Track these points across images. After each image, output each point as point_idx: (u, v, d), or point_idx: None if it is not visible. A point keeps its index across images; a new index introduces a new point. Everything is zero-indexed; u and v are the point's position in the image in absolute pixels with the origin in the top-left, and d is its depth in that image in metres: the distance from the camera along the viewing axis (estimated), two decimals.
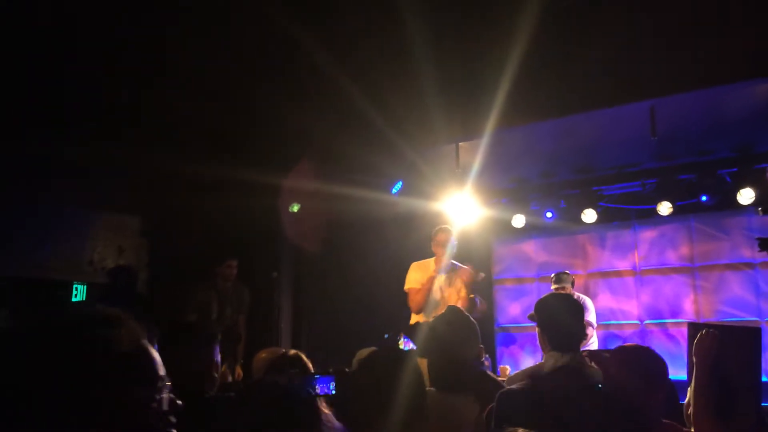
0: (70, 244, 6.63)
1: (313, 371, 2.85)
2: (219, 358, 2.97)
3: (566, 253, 7.71)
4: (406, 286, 5.29)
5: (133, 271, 6.77)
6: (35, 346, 1.01)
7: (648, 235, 7.26)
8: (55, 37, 4.41)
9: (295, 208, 6.72)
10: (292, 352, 3.04)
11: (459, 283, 5.22)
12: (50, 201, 6.40)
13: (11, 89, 4.96)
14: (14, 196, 6.10)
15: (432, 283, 5.15)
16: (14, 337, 1.04)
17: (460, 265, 5.31)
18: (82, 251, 6.74)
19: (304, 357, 2.96)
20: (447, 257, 5.21)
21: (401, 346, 2.51)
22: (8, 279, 6.51)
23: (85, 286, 6.80)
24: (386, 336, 2.52)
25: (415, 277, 5.28)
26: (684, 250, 7.08)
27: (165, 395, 1.10)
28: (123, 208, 7.07)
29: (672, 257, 7.13)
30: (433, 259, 5.30)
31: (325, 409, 2.42)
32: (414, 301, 5.17)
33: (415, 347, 2.53)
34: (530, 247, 7.92)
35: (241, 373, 5.97)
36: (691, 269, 7.04)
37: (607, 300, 7.34)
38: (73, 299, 6.71)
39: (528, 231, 7.52)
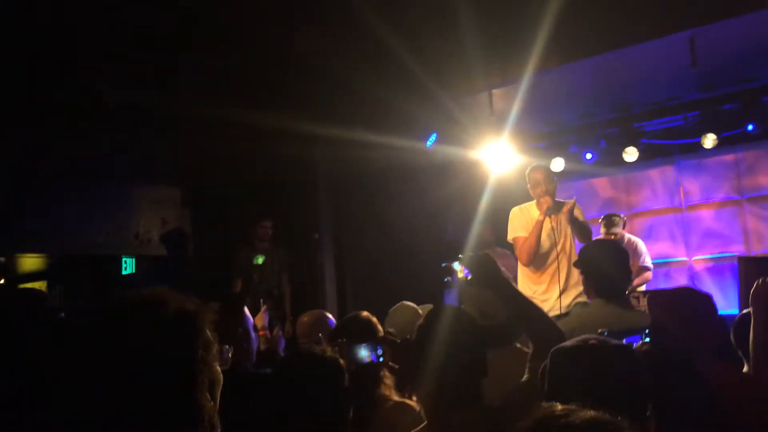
0: (116, 219, 6.79)
1: (379, 334, 2.78)
2: (258, 323, 2.99)
3: (609, 193, 7.57)
4: (511, 235, 4.78)
5: (184, 232, 6.96)
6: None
7: (693, 169, 7.06)
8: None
9: (260, 260, 6.65)
10: (364, 314, 2.91)
11: (565, 223, 4.62)
12: (92, 178, 6.53)
13: (43, 69, 5.02)
14: (57, 176, 6.24)
15: (540, 229, 4.57)
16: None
17: (563, 201, 4.71)
18: (127, 225, 6.89)
19: (374, 320, 2.85)
20: (549, 196, 4.59)
21: (460, 273, 2.47)
22: (60, 257, 6.73)
23: (134, 260, 6.98)
24: (443, 264, 2.50)
25: (518, 223, 4.75)
26: (731, 182, 6.88)
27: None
28: (161, 179, 7.18)
29: (719, 191, 6.94)
30: (533, 202, 4.76)
31: (386, 378, 2.42)
32: (523, 251, 4.64)
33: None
34: (571, 191, 7.77)
35: (291, 331, 6.10)
36: (739, 201, 6.85)
37: (653, 238, 7.20)
38: (123, 273, 6.91)
39: (568, 174, 7.37)
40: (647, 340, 2.25)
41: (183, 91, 5.48)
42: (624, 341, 1.98)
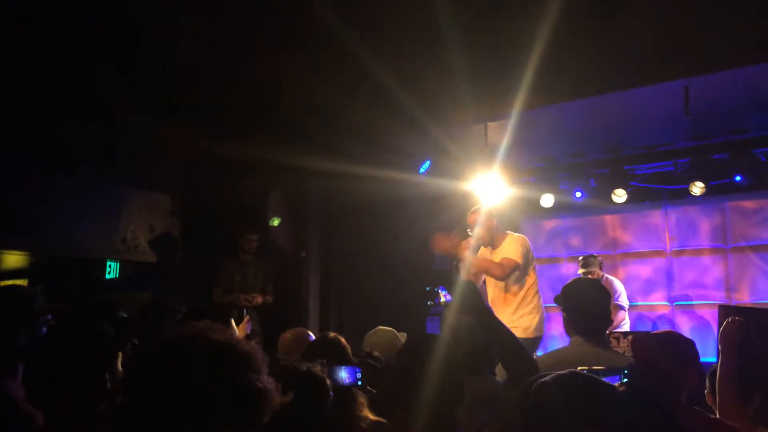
0: (104, 223, 6.77)
1: (349, 355, 2.81)
2: (241, 334, 3.00)
3: (596, 233, 7.64)
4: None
5: (173, 237, 6.98)
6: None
7: (680, 215, 7.15)
8: (85, 17, 4.46)
9: (276, 222, 6.82)
10: (332, 334, 2.99)
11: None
12: (85, 180, 6.53)
13: (43, 68, 5.04)
14: (50, 175, 6.23)
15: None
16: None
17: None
18: (115, 230, 6.87)
19: (342, 341, 2.91)
20: (475, 237, 5.20)
21: (442, 299, 2.50)
22: (45, 257, 6.68)
23: (118, 264, 6.96)
24: (427, 288, 2.53)
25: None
26: (717, 231, 6.96)
27: None
28: (153, 186, 7.19)
29: (704, 238, 7.02)
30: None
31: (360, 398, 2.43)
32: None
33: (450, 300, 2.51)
34: (559, 227, 7.86)
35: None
36: (723, 250, 6.93)
37: (636, 281, 7.26)
38: (107, 276, 6.87)
39: (557, 211, 7.45)
40: (625, 380, 2.27)
41: (177, 117, 5.55)
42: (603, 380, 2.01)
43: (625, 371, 2.32)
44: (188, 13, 4.35)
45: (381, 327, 3.79)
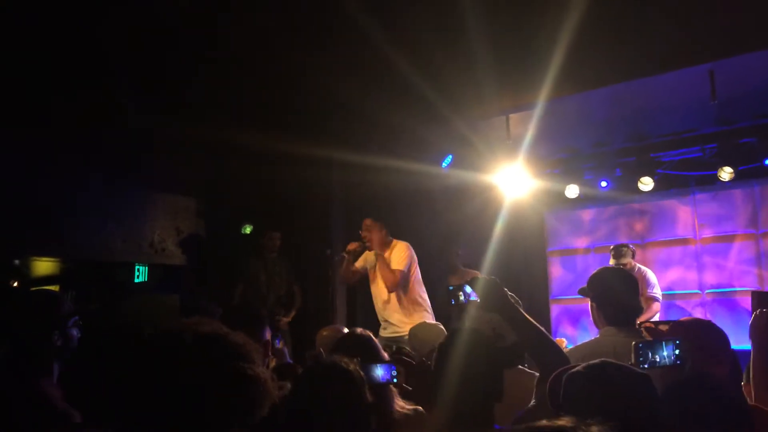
0: (131, 227, 6.84)
1: (380, 351, 2.80)
2: (268, 336, 3.01)
3: (622, 222, 7.55)
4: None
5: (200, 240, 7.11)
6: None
7: (708, 202, 7.03)
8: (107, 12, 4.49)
9: (248, 230, 6.97)
10: (360, 330, 2.98)
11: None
12: (110, 184, 6.61)
13: (68, 73, 5.11)
14: (77, 181, 6.32)
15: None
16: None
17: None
18: (142, 233, 6.94)
19: (374, 338, 2.89)
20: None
21: (463, 296, 2.49)
22: (75, 262, 6.78)
23: (146, 268, 7.03)
24: (450, 288, 2.53)
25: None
26: (747, 216, 6.84)
27: None
28: (178, 189, 7.25)
29: (734, 224, 6.90)
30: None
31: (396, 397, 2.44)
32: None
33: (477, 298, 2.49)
34: (584, 218, 7.78)
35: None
36: (754, 236, 6.80)
37: (666, 270, 7.16)
38: (136, 280, 6.95)
39: (582, 201, 7.37)
40: (677, 352, 2.20)
41: (204, 115, 5.59)
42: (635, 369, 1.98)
43: (677, 341, 2.25)
44: (209, 11, 4.37)
45: (426, 321, 3.77)
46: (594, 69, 4.86)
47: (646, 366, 2.11)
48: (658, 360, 2.15)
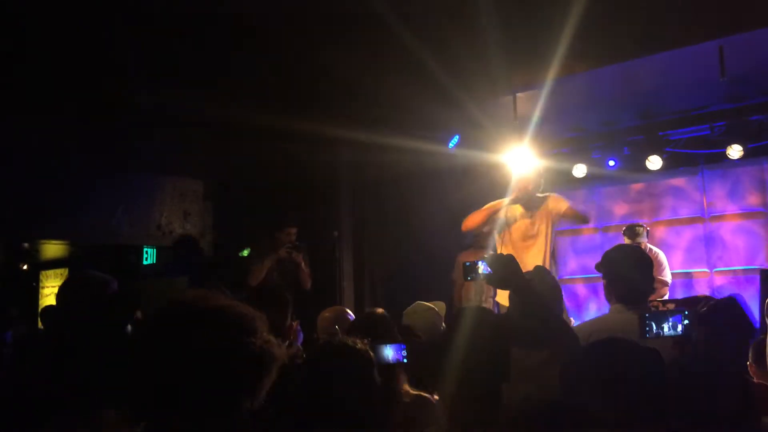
0: (139, 210, 6.87)
1: (395, 332, 2.80)
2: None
3: (630, 201, 7.51)
4: None
5: (195, 242, 6.99)
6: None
7: (717, 180, 6.98)
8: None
9: (245, 253, 6.80)
10: (379, 310, 2.97)
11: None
12: (118, 168, 6.62)
13: (81, 56, 5.10)
14: (85, 165, 6.33)
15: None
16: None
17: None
18: (150, 216, 6.97)
19: (387, 317, 2.89)
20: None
21: (481, 271, 2.49)
22: (84, 245, 6.82)
23: (155, 250, 7.06)
24: (467, 264, 2.52)
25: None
26: (756, 194, 6.79)
27: None
28: (185, 172, 7.26)
29: (743, 202, 6.86)
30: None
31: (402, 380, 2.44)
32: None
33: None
34: (592, 198, 7.75)
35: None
36: (764, 214, 6.76)
37: (675, 248, 7.14)
38: (144, 263, 6.98)
39: (590, 180, 7.34)
40: (686, 322, 2.21)
41: (211, 95, 5.57)
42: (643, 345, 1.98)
43: (686, 312, 2.26)
44: None
45: (420, 302, 3.77)
46: (603, 46, 4.82)
47: (650, 336, 2.12)
48: (664, 331, 2.16)
